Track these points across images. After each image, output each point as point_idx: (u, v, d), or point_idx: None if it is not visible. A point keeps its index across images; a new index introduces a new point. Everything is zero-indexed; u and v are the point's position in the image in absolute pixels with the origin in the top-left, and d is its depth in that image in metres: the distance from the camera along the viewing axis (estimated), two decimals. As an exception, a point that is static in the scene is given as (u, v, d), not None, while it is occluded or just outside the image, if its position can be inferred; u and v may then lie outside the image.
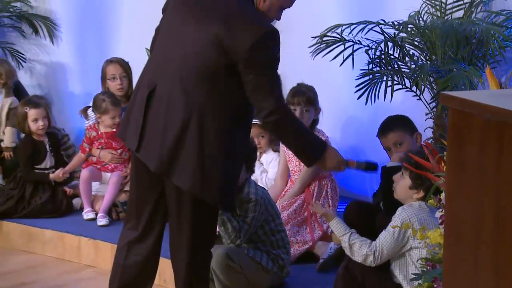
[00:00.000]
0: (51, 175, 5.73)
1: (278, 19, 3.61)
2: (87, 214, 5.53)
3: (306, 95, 4.86)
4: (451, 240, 2.30)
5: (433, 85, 4.72)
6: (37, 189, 5.70)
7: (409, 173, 3.80)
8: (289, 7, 3.63)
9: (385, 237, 3.73)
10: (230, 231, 4.04)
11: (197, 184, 3.37)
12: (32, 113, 5.72)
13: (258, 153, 5.16)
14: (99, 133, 5.81)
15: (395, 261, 3.81)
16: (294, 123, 3.54)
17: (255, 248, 4.17)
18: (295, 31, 5.67)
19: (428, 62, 4.75)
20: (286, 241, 4.26)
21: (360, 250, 3.77)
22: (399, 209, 3.77)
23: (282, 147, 5.03)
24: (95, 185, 5.74)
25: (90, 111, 6.03)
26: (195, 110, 3.35)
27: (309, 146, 3.57)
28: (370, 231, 3.99)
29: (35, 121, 5.71)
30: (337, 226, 3.87)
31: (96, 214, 5.51)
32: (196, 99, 3.36)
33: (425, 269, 3.33)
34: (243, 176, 4.10)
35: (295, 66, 5.58)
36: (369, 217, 4.31)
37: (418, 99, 4.83)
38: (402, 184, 3.85)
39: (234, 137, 3.45)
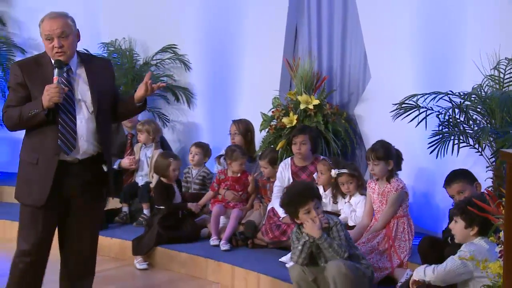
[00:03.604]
0: (189, 204, 5.79)
1: (49, 49, 3.71)
2: (213, 241, 5.55)
3: (376, 152, 4.84)
4: (509, 270, 2.25)
5: (492, 143, 4.61)
6: (176, 221, 5.73)
7: (459, 216, 3.71)
8: (49, 33, 3.69)
9: (450, 263, 3.65)
10: (337, 249, 4.08)
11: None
12: (174, 164, 5.75)
13: (348, 196, 5.19)
14: (227, 176, 5.90)
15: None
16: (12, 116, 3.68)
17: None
18: (379, 100, 5.69)
19: (488, 125, 4.65)
20: (362, 253, 4.33)
21: (429, 268, 3.72)
22: (463, 246, 3.69)
23: (369, 191, 4.99)
24: (221, 218, 5.74)
25: (222, 159, 6.16)
26: None
27: (28, 109, 3.64)
28: (439, 261, 3.90)
29: (174, 170, 5.77)
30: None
31: (220, 241, 5.54)
32: None
33: (487, 295, 3.25)
34: (320, 208, 4.19)
35: (379, 127, 5.57)
36: (439, 249, 4.21)
37: (480, 155, 4.73)
38: (457, 227, 3.76)
39: (23, 149, 3.80)
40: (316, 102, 5.90)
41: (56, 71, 3.66)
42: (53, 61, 3.72)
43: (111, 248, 5.86)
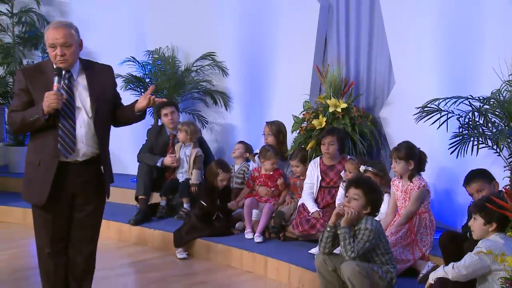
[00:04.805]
0: (229, 204, 5.83)
1: (52, 57, 3.66)
2: (248, 234, 5.60)
3: (398, 151, 4.85)
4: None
5: (510, 145, 4.57)
6: (212, 216, 5.78)
7: (478, 213, 3.67)
8: (52, 41, 3.63)
9: (468, 259, 3.62)
10: (346, 246, 4.03)
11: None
12: (222, 175, 5.82)
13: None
14: (260, 174, 5.95)
15: (479, 283, 3.67)
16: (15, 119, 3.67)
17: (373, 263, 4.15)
18: (403, 103, 5.67)
19: (506, 127, 4.60)
20: (393, 259, 4.21)
21: (448, 266, 3.69)
22: (479, 242, 3.65)
23: (393, 188, 4.99)
24: (254, 212, 5.78)
25: (256, 157, 6.20)
26: None
27: (29, 114, 3.62)
28: (459, 254, 3.88)
29: (221, 181, 5.82)
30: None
31: (254, 234, 5.57)
32: None
33: (504, 286, 3.23)
34: (355, 201, 4.12)
35: (403, 129, 5.55)
36: (458, 244, 4.19)
37: (498, 155, 4.68)
38: (476, 224, 3.72)
39: (28, 152, 3.77)
40: (344, 105, 5.91)
41: (56, 78, 3.61)
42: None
43: (154, 239, 5.95)
